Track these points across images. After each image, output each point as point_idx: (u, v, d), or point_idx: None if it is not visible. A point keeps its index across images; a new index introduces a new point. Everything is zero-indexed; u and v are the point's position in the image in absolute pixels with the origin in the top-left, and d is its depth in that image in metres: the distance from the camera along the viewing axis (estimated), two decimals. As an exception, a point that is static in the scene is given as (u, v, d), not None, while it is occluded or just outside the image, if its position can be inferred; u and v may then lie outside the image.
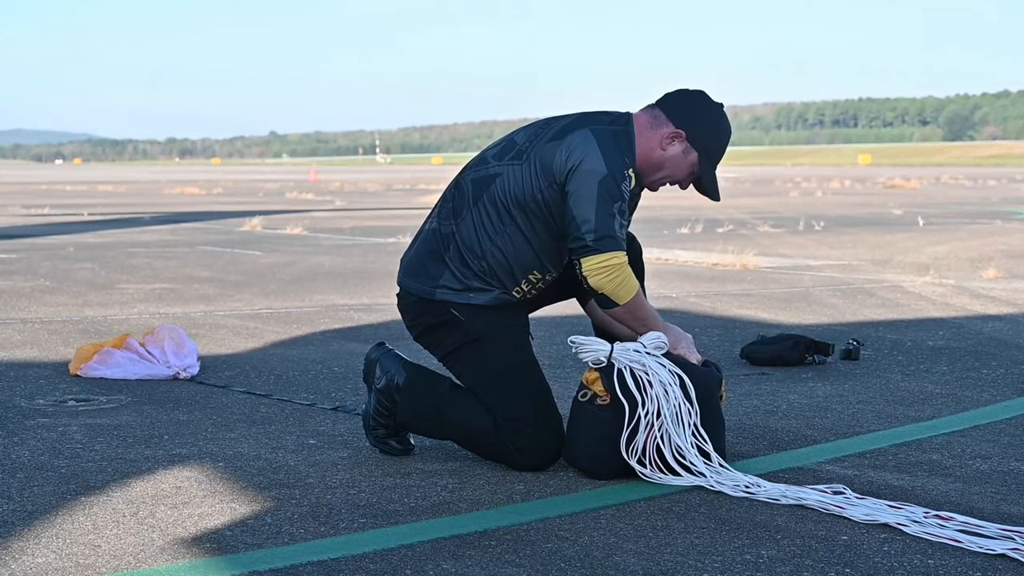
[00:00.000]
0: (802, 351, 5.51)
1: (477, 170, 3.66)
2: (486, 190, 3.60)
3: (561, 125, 3.59)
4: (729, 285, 9.00)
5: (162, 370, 5.14)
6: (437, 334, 3.69)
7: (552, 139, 3.55)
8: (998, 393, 4.87)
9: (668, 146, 3.61)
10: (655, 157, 3.62)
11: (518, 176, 3.56)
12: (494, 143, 3.75)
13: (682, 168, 3.65)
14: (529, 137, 3.62)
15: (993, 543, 2.87)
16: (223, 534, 2.97)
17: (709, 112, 3.67)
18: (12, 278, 9.37)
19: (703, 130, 3.64)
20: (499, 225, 3.57)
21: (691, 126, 3.62)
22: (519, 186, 3.55)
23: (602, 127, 3.55)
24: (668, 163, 3.63)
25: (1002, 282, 9.16)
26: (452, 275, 3.62)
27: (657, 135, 3.61)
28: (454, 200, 3.67)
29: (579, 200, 3.45)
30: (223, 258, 11.44)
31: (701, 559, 2.79)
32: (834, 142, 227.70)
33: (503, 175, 3.58)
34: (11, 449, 3.85)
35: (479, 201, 3.60)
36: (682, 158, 3.63)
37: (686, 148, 3.62)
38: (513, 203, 3.56)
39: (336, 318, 7.14)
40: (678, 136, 3.61)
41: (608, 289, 3.48)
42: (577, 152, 3.48)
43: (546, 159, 3.52)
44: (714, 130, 3.67)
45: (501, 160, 3.62)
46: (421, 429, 3.75)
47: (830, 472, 3.59)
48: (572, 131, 3.54)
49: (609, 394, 3.45)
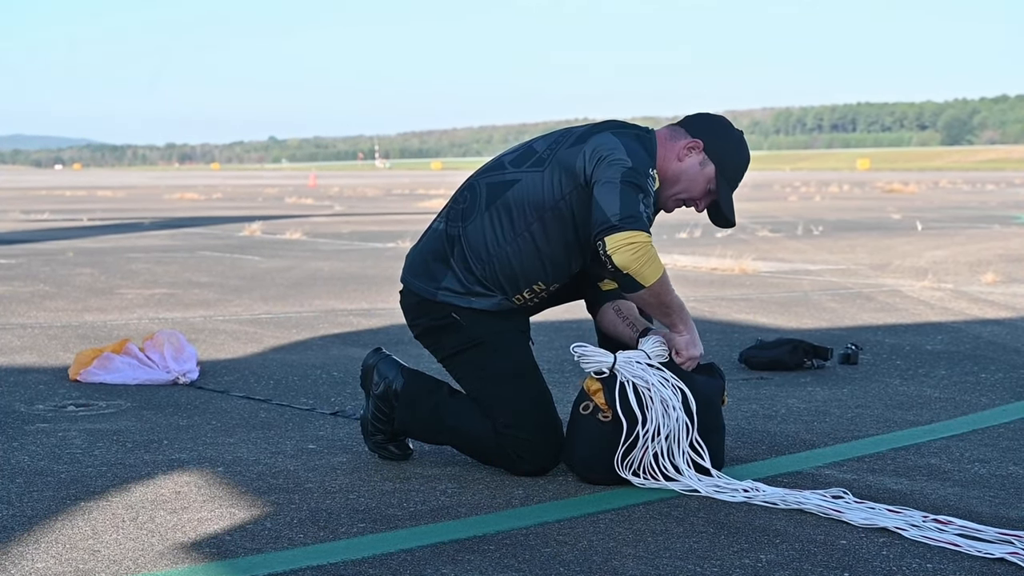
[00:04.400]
0: (801, 355, 5.52)
1: (493, 174, 3.63)
2: (501, 195, 3.56)
3: (582, 131, 3.58)
4: (728, 290, 9.01)
5: (162, 375, 5.14)
6: (437, 336, 3.68)
7: (574, 144, 3.53)
8: (996, 397, 4.87)
9: (685, 157, 3.59)
10: (672, 169, 3.59)
11: (538, 182, 3.52)
12: (511, 149, 3.71)
13: (699, 182, 3.61)
14: (549, 145, 3.60)
15: (992, 547, 2.87)
16: (222, 539, 2.98)
17: (729, 132, 3.66)
18: (12, 283, 9.37)
19: (721, 144, 3.63)
20: (511, 232, 3.54)
21: (709, 138, 3.62)
22: (539, 192, 3.51)
23: (625, 131, 3.55)
24: (684, 176, 3.60)
25: (1000, 286, 9.17)
26: (455, 278, 3.60)
27: (675, 147, 3.60)
28: (465, 202, 3.64)
29: (605, 187, 3.38)
30: (222, 263, 11.44)
31: (700, 563, 2.80)
32: (833, 146, 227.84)
33: (521, 181, 3.55)
34: (11, 454, 3.85)
35: (492, 206, 3.57)
36: (699, 170, 3.60)
37: (703, 159, 3.60)
38: (531, 209, 3.52)
39: (335, 323, 7.15)
40: (695, 146, 3.60)
41: (634, 268, 3.34)
42: (603, 148, 3.45)
43: (568, 162, 3.49)
44: (733, 148, 3.65)
45: (520, 167, 3.59)
46: (419, 434, 3.75)
47: (829, 476, 3.59)
48: (595, 134, 3.53)
49: (611, 410, 3.45)
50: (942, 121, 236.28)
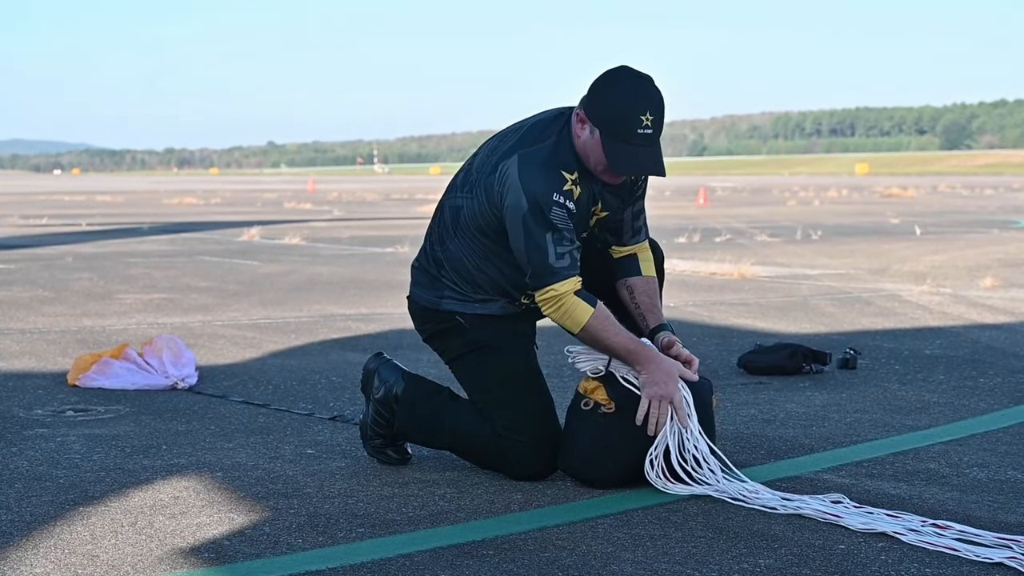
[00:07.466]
0: (799, 360, 5.52)
1: (450, 196, 3.65)
2: (457, 219, 3.60)
3: (501, 152, 3.50)
4: (726, 294, 9.01)
5: (160, 380, 5.14)
6: (443, 339, 3.71)
7: (491, 172, 3.49)
8: (995, 402, 4.87)
9: (580, 132, 3.45)
10: (579, 148, 3.45)
11: (475, 209, 3.54)
12: (465, 162, 3.70)
13: (597, 152, 3.40)
14: (479, 166, 3.56)
15: (990, 552, 2.87)
16: (221, 544, 2.98)
17: (607, 83, 3.40)
18: (10, 288, 9.37)
19: (597, 102, 3.39)
20: (480, 253, 3.57)
21: (588, 102, 3.42)
22: (480, 219, 3.53)
23: (532, 149, 3.44)
24: (587, 149, 3.42)
25: (999, 291, 9.17)
26: (454, 291, 3.64)
27: (575, 123, 3.46)
28: (439, 225, 3.67)
29: (513, 239, 3.44)
30: (221, 268, 11.44)
31: (699, 568, 2.80)
32: (831, 151, 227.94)
33: (464, 208, 3.57)
34: (9, 459, 3.85)
35: (456, 229, 3.60)
36: (592, 140, 3.40)
37: (591, 128, 3.40)
38: (482, 234, 3.55)
39: (334, 328, 7.15)
40: (581, 119, 3.44)
41: (554, 319, 3.46)
42: (504, 188, 3.42)
43: (489, 194, 3.49)
44: (607, 102, 3.37)
45: (462, 191, 3.59)
46: (419, 438, 3.76)
47: (828, 481, 3.59)
48: (504, 160, 3.45)
49: (613, 401, 3.46)
50: (941, 125, 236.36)
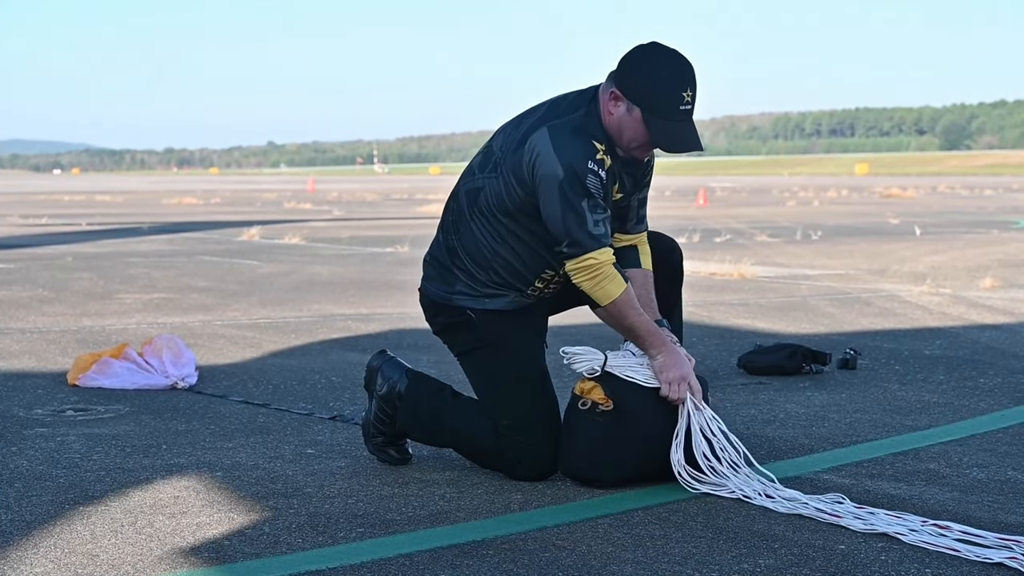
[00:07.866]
0: (799, 360, 5.52)
1: (467, 181, 3.65)
2: (476, 202, 3.58)
3: (526, 127, 3.51)
4: (726, 295, 9.01)
5: (160, 380, 5.14)
6: (454, 333, 3.70)
7: (517, 147, 3.49)
8: (995, 402, 4.87)
9: (614, 109, 3.46)
10: (612, 125, 3.47)
11: (498, 188, 3.53)
12: (481, 148, 3.70)
13: (636, 129, 3.44)
14: (502, 145, 3.57)
15: (990, 552, 2.87)
16: (221, 544, 2.98)
17: (643, 60, 3.44)
18: (10, 288, 9.37)
19: (634, 81, 3.42)
20: (498, 235, 3.56)
21: (624, 81, 3.44)
22: (503, 198, 3.52)
23: (561, 120, 3.46)
24: (621, 126, 3.45)
25: (999, 291, 9.17)
26: (465, 284, 3.63)
27: (606, 101, 3.48)
28: (453, 213, 3.66)
29: (547, 208, 3.42)
30: (221, 268, 11.44)
31: (699, 568, 2.80)
32: (831, 152, 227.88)
33: (485, 188, 3.56)
34: (9, 459, 3.85)
35: (473, 213, 3.59)
36: (629, 118, 3.43)
37: (628, 105, 3.43)
38: (503, 214, 3.54)
39: (334, 328, 7.15)
40: (616, 96, 3.46)
41: (586, 288, 3.45)
42: (536, 159, 3.42)
43: (516, 170, 3.48)
44: (649, 78, 3.42)
45: (483, 171, 3.59)
46: (420, 436, 3.75)
47: (828, 481, 3.59)
48: (531, 134, 3.46)
49: (611, 400, 3.46)
50: (940, 126, 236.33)
